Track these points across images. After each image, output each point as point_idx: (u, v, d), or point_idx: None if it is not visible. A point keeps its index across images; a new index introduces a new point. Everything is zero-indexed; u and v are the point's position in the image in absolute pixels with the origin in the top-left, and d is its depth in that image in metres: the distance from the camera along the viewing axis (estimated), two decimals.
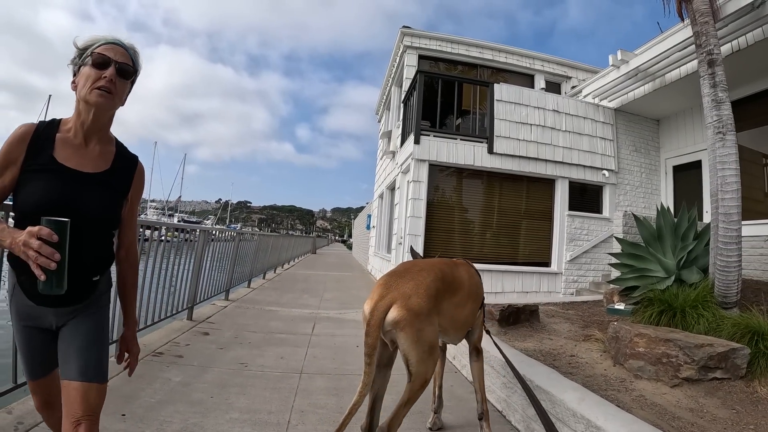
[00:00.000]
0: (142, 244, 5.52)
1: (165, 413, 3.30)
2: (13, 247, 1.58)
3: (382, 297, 2.41)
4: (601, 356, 4.26)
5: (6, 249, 1.67)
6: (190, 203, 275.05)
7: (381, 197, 16.49)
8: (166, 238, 6.32)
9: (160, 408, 3.38)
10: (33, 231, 1.53)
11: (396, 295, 2.43)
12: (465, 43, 13.99)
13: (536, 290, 10.06)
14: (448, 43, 13.85)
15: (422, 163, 9.83)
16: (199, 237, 7.03)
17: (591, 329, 5.40)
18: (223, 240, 9.23)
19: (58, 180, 1.80)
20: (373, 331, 2.32)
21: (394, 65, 15.71)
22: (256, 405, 3.57)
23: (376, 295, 2.43)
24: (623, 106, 10.79)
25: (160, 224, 6.18)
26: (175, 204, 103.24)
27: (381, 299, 2.40)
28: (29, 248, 1.53)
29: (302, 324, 7.01)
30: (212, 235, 8.52)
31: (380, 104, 20.10)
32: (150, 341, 5.25)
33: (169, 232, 6.86)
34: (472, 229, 10.37)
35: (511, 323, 5.61)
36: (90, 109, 1.87)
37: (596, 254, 10.42)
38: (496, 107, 10.12)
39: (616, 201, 10.86)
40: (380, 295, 2.43)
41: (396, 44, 14.47)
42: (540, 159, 10.27)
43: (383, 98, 19.12)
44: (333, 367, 4.76)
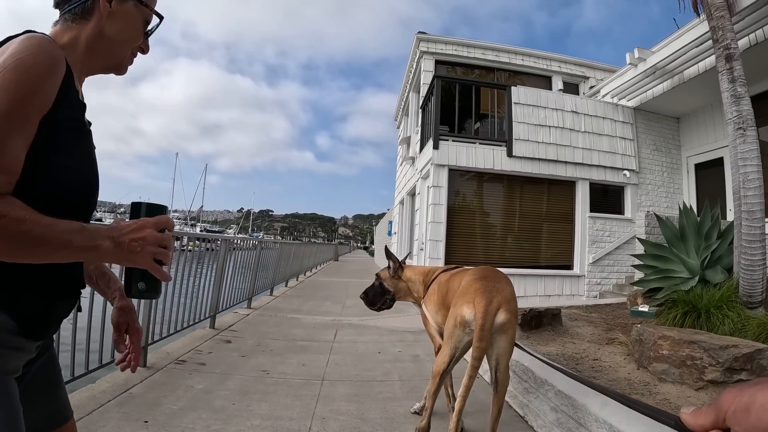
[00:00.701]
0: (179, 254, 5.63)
1: (187, 420, 3.32)
2: (127, 249, 1.05)
3: (490, 302, 2.50)
4: (625, 359, 4.21)
5: (97, 258, 1.13)
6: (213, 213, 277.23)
7: (402, 203, 16.50)
8: (188, 248, 6.38)
9: (182, 415, 3.41)
10: (154, 222, 1.10)
11: (501, 299, 2.54)
12: (481, 47, 13.98)
13: (559, 293, 9.99)
14: (464, 47, 13.85)
15: (442, 168, 9.83)
16: (220, 246, 7.07)
17: (614, 332, 5.34)
18: (245, 249, 9.28)
19: (91, 146, 1.28)
20: (487, 335, 2.44)
21: (411, 71, 15.75)
22: (278, 412, 3.58)
23: (483, 300, 2.51)
24: (642, 104, 10.69)
25: (181, 234, 6.24)
26: (197, 214, 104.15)
27: (489, 304, 2.48)
28: (163, 247, 1.11)
29: (324, 331, 7.02)
30: (234, 244, 8.58)
31: (399, 111, 20.14)
32: (173, 349, 5.30)
33: (191, 241, 6.91)
34: (493, 233, 10.34)
35: (534, 327, 5.56)
36: (112, 62, 1.35)
37: (619, 256, 10.32)
38: (514, 110, 10.10)
39: (638, 201, 10.75)
40: (487, 299, 2.50)
41: (412, 50, 14.51)
42: (560, 161, 10.22)
43: (401, 104, 19.16)
44: (355, 374, 4.76)
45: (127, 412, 3.36)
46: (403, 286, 3.66)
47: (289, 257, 14.26)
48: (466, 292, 2.65)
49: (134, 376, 4.20)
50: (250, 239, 11.25)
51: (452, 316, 2.64)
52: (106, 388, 3.82)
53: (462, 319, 2.56)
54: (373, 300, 3.74)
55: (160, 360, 4.81)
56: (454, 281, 3.09)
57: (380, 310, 3.76)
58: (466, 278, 2.82)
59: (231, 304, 7.75)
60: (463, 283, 2.78)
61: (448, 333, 2.63)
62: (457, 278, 3.07)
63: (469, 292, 2.62)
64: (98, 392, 3.72)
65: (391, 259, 3.69)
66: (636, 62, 9.73)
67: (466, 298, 2.61)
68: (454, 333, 2.60)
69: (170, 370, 4.52)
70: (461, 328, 2.57)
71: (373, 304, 3.74)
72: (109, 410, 3.38)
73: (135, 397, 3.73)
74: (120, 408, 3.44)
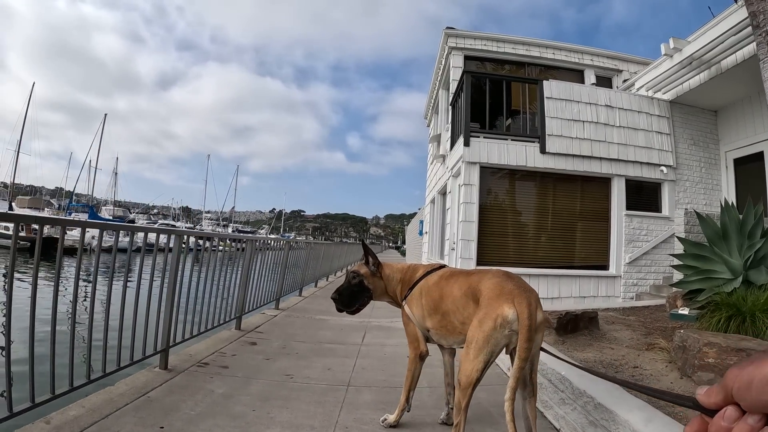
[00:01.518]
0: (196, 254, 5.57)
1: (204, 427, 3.21)
2: None
3: (530, 301, 2.46)
4: (667, 367, 3.96)
5: None
6: (245, 213, 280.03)
7: (433, 202, 16.32)
8: (220, 248, 6.33)
9: (199, 421, 3.30)
10: None
11: (536, 298, 2.54)
12: (511, 41, 13.64)
13: (594, 295, 9.67)
14: (494, 42, 13.52)
15: (473, 166, 9.63)
16: (246, 247, 6.99)
17: (654, 337, 5.08)
18: (273, 249, 9.22)
19: None
20: (533, 335, 2.41)
21: (440, 68, 15.52)
22: (299, 420, 3.44)
23: (524, 299, 2.47)
24: (678, 97, 10.28)
25: (212, 235, 6.17)
26: (229, 214, 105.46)
27: (530, 305, 2.45)
28: None
29: (352, 333, 6.89)
30: (266, 245, 8.50)
31: (428, 108, 19.92)
32: (197, 351, 5.24)
33: (222, 242, 6.88)
34: (526, 232, 10.09)
35: (570, 331, 5.33)
36: None
37: (657, 256, 9.95)
38: (547, 105, 9.84)
39: (676, 198, 10.34)
40: (528, 300, 2.46)
41: (441, 46, 14.26)
42: (594, 157, 9.90)
43: (431, 102, 18.94)
44: (381, 380, 4.59)
45: (143, 417, 3.28)
46: (381, 284, 3.42)
47: (319, 257, 14.19)
48: (500, 293, 2.53)
49: (154, 379, 4.16)
50: (277, 239, 11.21)
51: (489, 318, 2.47)
52: (124, 391, 3.76)
53: (504, 320, 2.44)
54: (349, 300, 3.39)
55: (182, 362, 4.74)
56: (450, 286, 2.94)
57: (356, 312, 3.45)
58: (490, 280, 2.68)
59: (258, 305, 7.67)
60: (489, 285, 2.63)
61: (483, 337, 2.46)
62: (456, 283, 2.92)
63: (505, 293, 2.52)
64: (116, 395, 3.66)
65: (370, 253, 3.41)
66: (671, 53, 9.31)
67: (503, 298, 2.50)
68: (491, 336, 2.45)
69: (191, 373, 4.43)
70: (501, 330, 2.45)
71: (350, 305, 3.39)
72: (125, 414, 3.31)
73: (153, 401, 3.64)
74: (136, 412, 3.36)
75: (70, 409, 3.28)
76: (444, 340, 3.02)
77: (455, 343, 2.95)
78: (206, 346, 5.50)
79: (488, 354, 2.46)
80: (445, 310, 2.91)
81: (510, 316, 2.43)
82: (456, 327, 2.85)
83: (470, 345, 2.50)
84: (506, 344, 2.50)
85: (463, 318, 2.77)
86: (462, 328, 2.77)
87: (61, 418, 3.11)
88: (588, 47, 13.86)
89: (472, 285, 2.74)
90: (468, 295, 2.74)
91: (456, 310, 2.83)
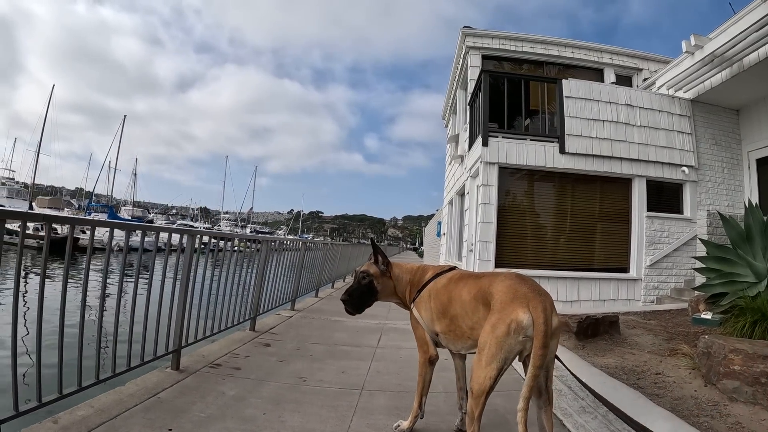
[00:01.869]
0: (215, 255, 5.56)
1: (213, 429, 3.16)
2: None
3: (545, 306, 2.35)
4: (690, 374, 3.82)
5: None
6: (263, 214, 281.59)
7: (451, 203, 16.21)
8: (238, 248, 6.31)
9: (209, 424, 3.25)
10: None
11: (550, 302, 2.42)
12: (529, 40, 13.48)
13: (614, 298, 9.48)
14: (512, 41, 13.37)
15: (491, 166, 9.51)
16: (262, 248, 6.96)
17: (676, 342, 4.93)
18: (290, 250, 9.18)
19: None
20: (549, 340, 2.31)
21: (457, 68, 15.41)
22: (311, 424, 3.36)
23: (539, 304, 2.35)
24: (700, 96, 10.03)
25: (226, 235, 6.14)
26: (247, 215, 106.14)
27: (545, 309, 2.33)
28: None
29: (368, 335, 6.81)
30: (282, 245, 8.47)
31: (446, 109, 19.80)
32: (209, 351, 5.20)
33: (241, 242, 6.87)
34: (545, 233, 9.95)
35: (590, 336, 5.20)
36: None
37: (678, 258, 9.73)
38: (566, 104, 9.68)
39: (698, 199, 10.09)
40: (543, 304, 2.35)
41: (458, 45, 14.16)
42: (614, 157, 9.71)
43: (449, 102, 18.82)
44: (396, 383, 4.50)
45: (152, 419, 3.24)
46: (390, 284, 3.31)
47: (335, 258, 14.14)
48: (514, 297, 2.40)
49: (165, 379, 4.13)
50: (293, 240, 11.18)
51: (502, 323, 2.36)
52: (134, 392, 3.73)
53: (518, 325, 2.32)
54: (360, 302, 3.30)
55: (194, 363, 4.70)
56: (459, 290, 2.82)
57: (361, 312, 3.34)
58: (502, 282, 2.55)
59: (273, 306, 7.63)
60: (502, 288, 2.51)
61: (496, 343, 2.34)
62: (465, 286, 2.79)
63: (519, 296, 2.40)
64: (126, 396, 3.62)
65: (379, 252, 3.32)
66: (692, 50, 9.06)
67: (517, 302, 2.37)
68: (505, 342, 2.33)
69: (203, 374, 4.39)
70: (515, 336, 2.33)
71: (360, 308, 3.31)
72: (134, 415, 3.28)
73: (163, 402, 3.60)
74: (146, 413, 3.33)
75: (78, 409, 3.25)
76: (452, 345, 2.90)
77: (464, 348, 2.84)
78: (219, 347, 5.46)
79: (501, 361, 2.34)
80: (453, 314, 2.80)
81: (525, 321, 2.32)
82: (465, 332, 2.73)
83: (482, 351, 2.39)
84: (520, 351, 2.38)
85: (472, 323, 2.65)
86: (471, 333, 2.66)
87: (69, 418, 3.09)
88: (607, 45, 13.65)
89: (483, 288, 2.62)
90: (478, 299, 2.63)
91: (465, 314, 2.71)
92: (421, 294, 3.11)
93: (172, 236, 4.75)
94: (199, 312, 4.92)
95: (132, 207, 75.53)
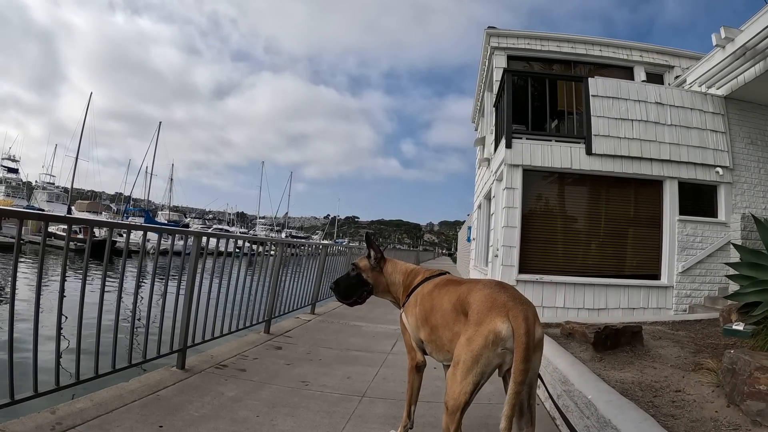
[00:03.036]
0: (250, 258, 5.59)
1: (203, 429, 3.16)
2: None
3: (526, 315, 2.18)
4: (713, 392, 3.49)
5: None
6: (299, 219, 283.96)
7: (479, 207, 15.97)
8: (272, 253, 6.33)
9: (200, 423, 3.24)
10: None
11: (533, 312, 2.25)
12: (555, 39, 13.17)
13: (644, 306, 9.09)
14: (537, 40, 13.09)
15: (515, 169, 9.29)
16: (276, 251, 6.92)
17: (703, 355, 4.62)
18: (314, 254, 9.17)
19: None
20: (531, 354, 2.14)
21: (483, 69, 15.17)
22: (301, 429, 3.28)
23: (519, 313, 2.18)
24: (733, 92, 9.53)
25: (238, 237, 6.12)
26: (283, 220, 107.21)
27: (527, 319, 2.16)
28: None
29: (383, 341, 6.71)
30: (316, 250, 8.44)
31: (475, 112, 19.59)
32: (219, 352, 5.21)
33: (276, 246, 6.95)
34: (570, 238, 9.64)
35: (609, 347, 4.93)
36: None
37: (712, 264, 9.26)
38: (593, 103, 9.36)
39: (733, 202, 9.57)
40: (524, 314, 2.18)
41: (483, 47, 13.96)
42: (644, 158, 9.31)
43: (477, 105, 18.61)
44: (400, 392, 4.28)
45: (146, 414, 3.28)
46: (382, 280, 3.22)
47: None
48: (492, 305, 2.23)
49: (168, 378, 4.17)
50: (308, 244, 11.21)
51: (479, 335, 2.19)
52: (136, 388, 3.78)
53: (496, 337, 2.15)
54: (345, 292, 3.28)
55: (201, 363, 4.73)
56: (440, 298, 2.66)
57: (354, 304, 3.31)
58: (480, 291, 2.38)
59: (290, 309, 7.58)
60: (479, 296, 2.34)
61: (472, 356, 2.17)
62: (447, 294, 2.63)
63: (497, 305, 2.22)
64: (126, 392, 3.68)
65: (373, 247, 3.25)
66: (723, 43, 8.58)
67: (495, 311, 2.20)
68: (482, 355, 2.16)
69: (207, 374, 4.42)
70: (493, 348, 2.16)
71: (347, 297, 3.28)
72: (130, 411, 3.32)
73: (161, 399, 3.64)
74: (141, 410, 3.37)
75: (77, 402, 3.34)
76: (435, 354, 2.74)
77: (445, 360, 2.66)
78: (229, 348, 5.46)
79: (478, 375, 2.16)
80: (434, 323, 2.65)
81: (504, 332, 2.15)
82: (444, 344, 2.57)
83: (457, 365, 2.22)
84: (499, 364, 2.22)
85: (451, 334, 2.48)
86: (450, 346, 2.48)
87: (67, 410, 3.17)
88: (636, 42, 13.24)
89: (461, 296, 2.46)
90: (457, 309, 2.47)
91: (445, 324, 2.55)
92: (410, 299, 2.98)
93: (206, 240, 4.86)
94: (207, 312, 4.92)
95: (168, 211, 77.01)
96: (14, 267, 2.95)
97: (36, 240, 28.02)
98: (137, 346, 4.15)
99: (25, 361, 3.06)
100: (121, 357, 3.78)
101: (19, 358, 2.95)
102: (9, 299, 2.90)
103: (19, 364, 2.91)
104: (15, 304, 2.91)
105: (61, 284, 3.34)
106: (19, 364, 2.93)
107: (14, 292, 2.92)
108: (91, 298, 3.49)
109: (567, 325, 5.65)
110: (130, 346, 3.88)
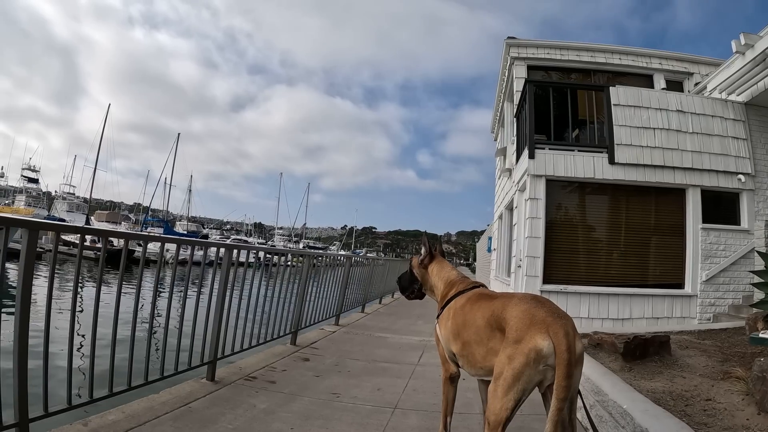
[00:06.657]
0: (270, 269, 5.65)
1: None
2: None
3: (567, 331, 2.16)
4: (743, 400, 3.50)
5: None
6: (316, 230, 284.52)
7: (500, 218, 15.94)
8: (292, 263, 6.39)
9: None
10: None
11: (572, 326, 2.22)
12: (575, 48, 13.18)
13: (668, 316, 9.00)
14: (557, 50, 13.11)
15: (539, 179, 9.28)
16: (304, 263, 6.96)
17: (731, 364, 4.59)
18: (337, 265, 9.20)
19: None
20: (573, 370, 2.11)
21: (503, 80, 15.20)
22: None
23: (560, 329, 2.16)
24: (754, 98, 9.44)
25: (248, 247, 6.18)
26: (301, 231, 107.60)
27: (568, 335, 2.14)
28: None
29: (409, 352, 6.72)
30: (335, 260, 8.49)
31: (494, 122, 19.58)
32: (247, 364, 5.23)
33: (295, 257, 7.01)
34: (594, 248, 9.60)
35: (638, 357, 4.90)
36: None
37: (736, 273, 9.15)
38: (614, 112, 9.34)
39: (755, 209, 9.46)
40: (565, 329, 2.16)
41: (503, 57, 13.99)
42: (667, 166, 9.26)
43: (496, 116, 18.60)
44: (432, 403, 4.32)
45: (179, 427, 3.29)
46: (427, 279, 3.34)
47: (384, 273, 14.09)
48: (531, 322, 2.21)
49: (199, 390, 4.19)
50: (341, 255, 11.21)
51: (520, 353, 2.18)
52: (167, 400, 3.79)
53: (538, 354, 2.13)
54: (403, 285, 3.56)
55: (230, 375, 4.75)
56: (473, 313, 2.64)
57: (411, 298, 3.53)
58: (517, 306, 2.35)
59: (316, 320, 7.61)
60: (516, 312, 2.31)
61: (513, 374, 2.16)
62: (479, 309, 2.61)
63: (536, 321, 2.21)
64: (157, 403, 3.69)
65: (425, 246, 3.37)
66: (743, 50, 8.59)
67: (535, 328, 2.18)
68: (523, 373, 2.14)
69: (237, 386, 4.43)
70: (535, 366, 2.14)
71: (404, 290, 3.55)
72: (162, 423, 3.32)
73: (193, 411, 3.65)
74: (174, 422, 3.37)
75: (109, 414, 3.34)
76: (467, 368, 2.74)
77: (477, 375, 2.67)
78: (257, 360, 5.49)
79: (519, 392, 2.15)
80: (466, 339, 2.64)
81: (545, 350, 2.13)
82: (477, 360, 2.55)
83: (498, 380, 2.22)
84: (540, 381, 2.20)
85: (485, 351, 2.47)
86: (483, 362, 2.48)
87: (99, 422, 3.17)
88: (655, 50, 13.16)
89: (496, 312, 2.44)
90: (491, 325, 2.45)
91: (479, 340, 2.53)
92: (443, 311, 3.00)
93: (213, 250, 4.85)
94: (236, 324, 4.96)
95: (187, 222, 77.60)
96: (50, 279, 2.96)
97: (72, 252, 28.32)
98: (167, 358, 4.18)
99: (56, 373, 3.11)
100: (152, 369, 3.82)
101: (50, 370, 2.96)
102: (45, 312, 2.91)
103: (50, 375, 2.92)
104: (50, 316, 2.93)
105: (97, 296, 3.34)
106: (51, 376, 2.94)
107: (50, 304, 2.94)
108: (122, 308, 3.52)
109: (595, 335, 5.61)
110: (162, 357, 3.88)
